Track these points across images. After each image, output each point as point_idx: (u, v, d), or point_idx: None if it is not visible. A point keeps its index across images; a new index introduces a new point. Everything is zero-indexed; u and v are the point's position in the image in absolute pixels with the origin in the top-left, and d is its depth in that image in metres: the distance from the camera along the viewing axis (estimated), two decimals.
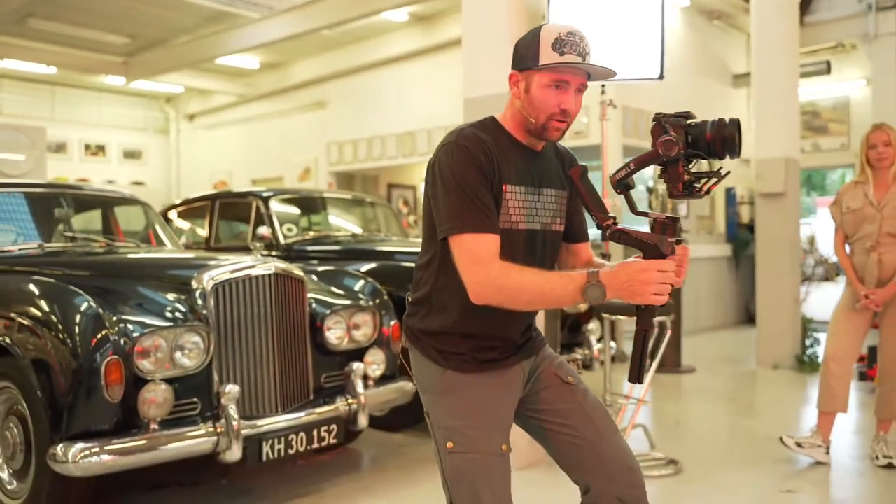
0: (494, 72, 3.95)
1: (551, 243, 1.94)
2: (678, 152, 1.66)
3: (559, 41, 1.75)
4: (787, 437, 4.00)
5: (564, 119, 1.80)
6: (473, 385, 1.84)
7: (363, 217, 6.51)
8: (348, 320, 3.75)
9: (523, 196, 1.84)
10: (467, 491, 1.79)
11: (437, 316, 1.87)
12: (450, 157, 1.77)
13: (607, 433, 1.89)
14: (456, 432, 1.81)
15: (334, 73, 11.19)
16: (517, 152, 1.85)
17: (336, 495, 3.57)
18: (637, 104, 8.59)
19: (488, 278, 1.70)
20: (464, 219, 1.73)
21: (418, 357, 1.91)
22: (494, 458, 1.81)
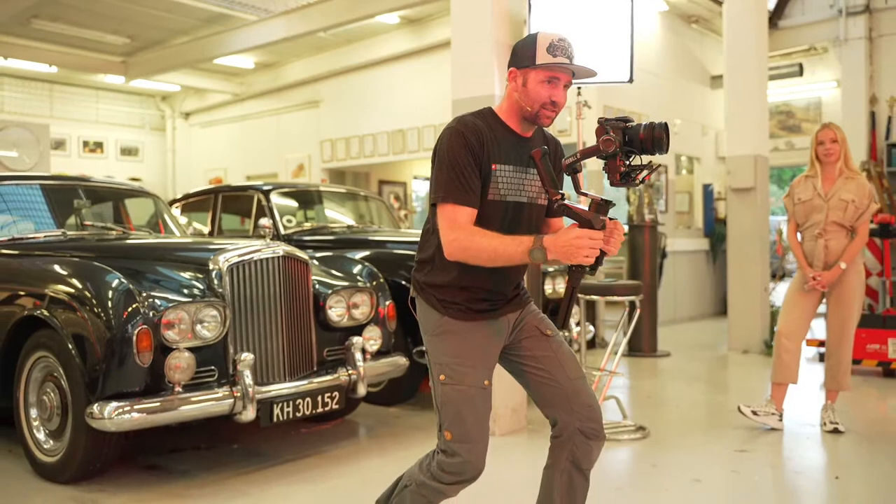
0: (481, 75, 4.36)
1: (537, 214, 2.30)
2: (615, 149, 2.04)
3: (552, 45, 2.14)
4: (745, 406, 4.43)
5: (554, 108, 2.19)
6: (465, 330, 2.23)
7: (357, 210, 6.87)
8: (348, 300, 4.14)
9: (511, 174, 2.21)
10: (454, 414, 2.19)
11: (439, 272, 2.24)
12: (447, 140, 2.17)
13: (574, 378, 2.29)
14: (448, 368, 2.21)
15: (327, 73, 11.53)
16: (509, 137, 2.23)
17: (335, 456, 3.96)
18: (619, 104, 8.99)
19: (457, 240, 2.11)
20: (448, 191, 2.13)
21: (422, 305, 2.30)
22: (478, 391, 2.21)
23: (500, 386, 4.26)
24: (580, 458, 2.28)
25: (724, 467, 3.77)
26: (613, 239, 2.05)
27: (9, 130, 8.82)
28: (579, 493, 2.31)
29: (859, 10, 10.29)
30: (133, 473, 3.64)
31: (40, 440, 3.59)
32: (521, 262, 2.07)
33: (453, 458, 2.17)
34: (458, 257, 2.14)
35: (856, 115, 10.13)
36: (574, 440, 2.26)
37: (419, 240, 2.37)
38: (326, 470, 3.72)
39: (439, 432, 2.22)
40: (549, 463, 2.33)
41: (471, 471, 2.18)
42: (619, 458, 4.01)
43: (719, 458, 3.92)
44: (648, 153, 2.06)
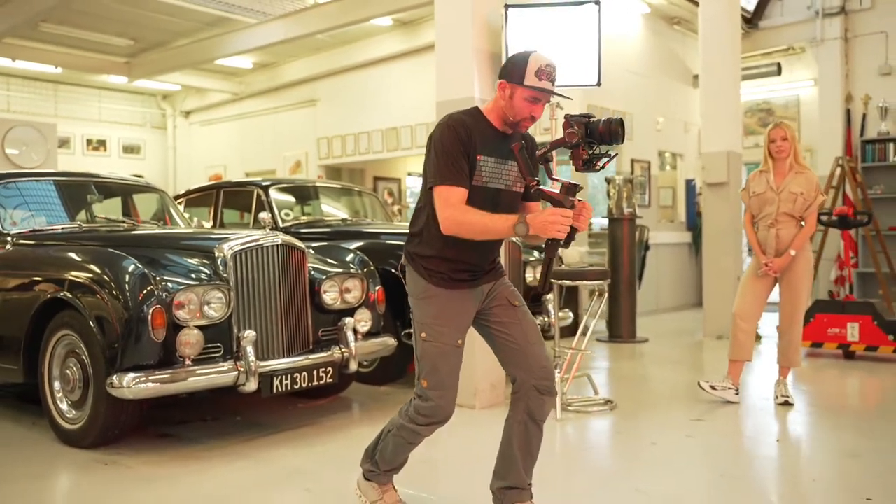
0: (462, 79, 4.75)
1: (513, 198, 2.67)
2: (577, 140, 2.43)
3: (540, 70, 2.49)
4: (704, 382, 4.84)
5: (532, 121, 2.59)
6: (445, 296, 2.61)
7: (352, 204, 7.27)
8: (341, 285, 4.53)
9: (493, 164, 2.58)
10: (431, 366, 2.60)
11: (426, 245, 2.62)
12: (441, 132, 2.54)
13: (533, 342, 2.67)
14: (428, 327, 2.61)
15: (324, 73, 11.91)
16: (491, 133, 2.60)
17: (329, 427, 4.37)
18: (604, 103, 9.38)
19: (452, 216, 2.48)
20: (444, 175, 2.50)
21: (411, 272, 2.68)
22: (451, 348, 2.61)
23: (481, 364, 4.68)
24: (534, 410, 2.64)
25: (679, 433, 4.18)
26: (582, 217, 2.40)
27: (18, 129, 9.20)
28: (534, 440, 2.69)
29: (835, 11, 10.68)
30: (147, 441, 4.04)
31: (63, 410, 3.99)
32: (506, 235, 2.46)
33: (427, 402, 2.57)
34: (453, 231, 2.49)
35: (832, 113, 10.53)
36: (529, 395, 2.63)
37: (411, 217, 2.75)
38: (320, 437, 4.13)
39: (417, 381, 2.61)
40: (509, 415, 2.71)
41: (442, 413, 2.59)
42: (588, 426, 4.42)
43: (677, 426, 4.33)
44: (607, 143, 2.43)
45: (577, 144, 2.42)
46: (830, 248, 9.51)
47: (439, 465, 3.83)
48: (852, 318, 6.26)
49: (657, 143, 10.38)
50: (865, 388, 5.67)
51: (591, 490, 3.36)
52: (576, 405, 4.66)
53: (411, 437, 2.68)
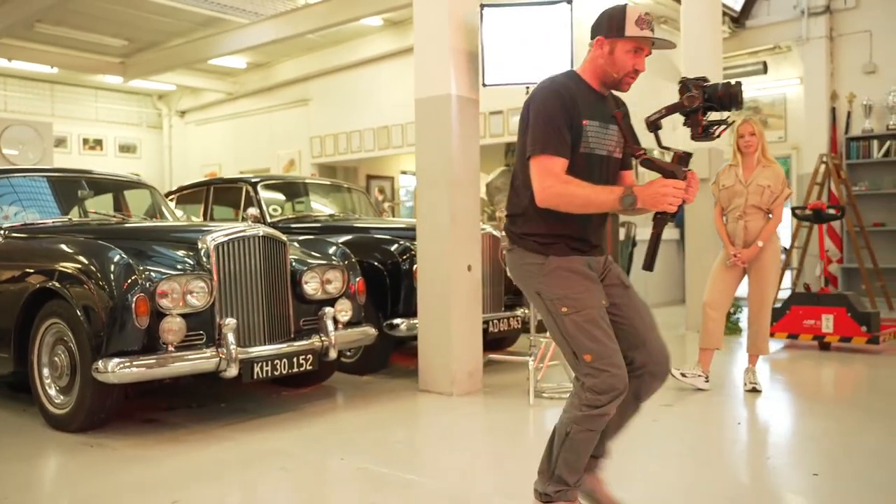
0: (440, 76, 4.90)
1: (614, 166, 2.52)
2: (698, 105, 2.26)
3: (640, 19, 2.37)
4: (675, 370, 4.98)
5: (635, 76, 2.43)
6: (571, 263, 2.41)
7: (341, 200, 7.42)
8: (322, 276, 4.68)
9: (597, 129, 2.42)
10: (586, 338, 2.34)
11: (533, 223, 2.44)
12: (543, 97, 2.39)
13: (651, 325, 2.52)
14: (567, 299, 2.37)
15: (316, 73, 12.08)
16: (593, 97, 2.45)
17: (310, 412, 4.51)
18: None
19: (552, 186, 2.31)
20: (545, 143, 2.33)
21: (521, 253, 2.47)
22: (599, 310, 2.39)
23: (458, 352, 4.84)
24: (642, 392, 2.52)
25: (647, 417, 4.30)
26: (692, 189, 2.25)
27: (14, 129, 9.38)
28: (629, 413, 2.57)
29: (820, 10, 10.83)
30: (133, 425, 4.19)
31: (52, 395, 4.14)
32: (610, 208, 2.28)
33: (601, 375, 2.30)
34: (551, 203, 2.32)
35: (817, 111, 10.68)
36: (644, 378, 2.48)
37: (508, 197, 2.58)
38: (300, 421, 4.28)
39: (577, 362, 2.36)
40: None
41: (621, 381, 2.32)
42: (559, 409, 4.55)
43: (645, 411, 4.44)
44: (726, 109, 2.27)
45: (697, 109, 2.27)
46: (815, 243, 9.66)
47: (420, 449, 3.99)
48: (827, 310, 6.41)
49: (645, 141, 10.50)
50: (835, 377, 5.82)
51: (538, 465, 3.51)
52: (550, 392, 4.81)
53: (596, 423, 2.39)
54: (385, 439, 3.98)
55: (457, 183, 4.86)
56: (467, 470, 3.51)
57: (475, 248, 5.01)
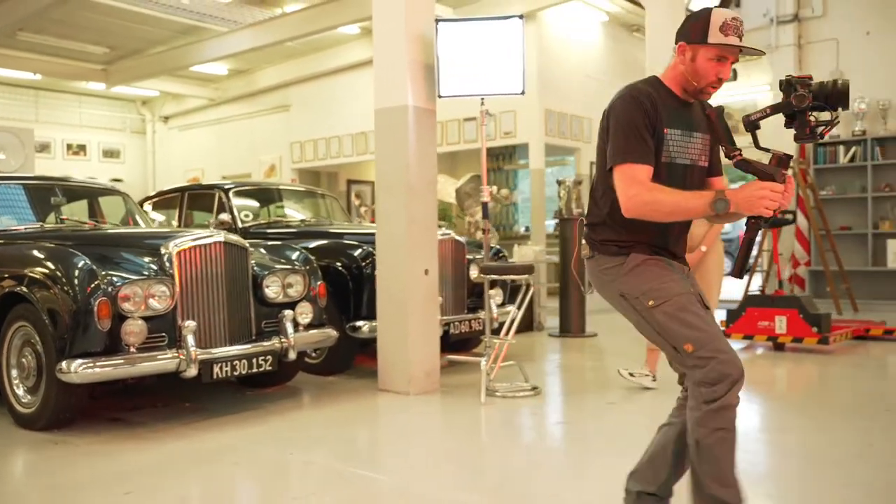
0: (398, 88, 5.11)
1: (699, 175, 2.42)
2: (808, 104, 2.14)
3: (725, 25, 2.23)
4: (623, 370, 5.19)
5: (718, 85, 2.32)
6: (652, 258, 2.33)
7: (314, 206, 7.62)
8: (283, 280, 4.87)
9: (679, 138, 2.33)
10: (680, 325, 2.21)
11: (612, 231, 2.37)
12: (624, 105, 2.30)
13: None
14: (652, 291, 2.27)
15: (296, 79, 12.28)
16: (675, 104, 2.35)
17: (271, 411, 4.70)
18: (560, 108, 9.77)
19: (638, 195, 2.21)
20: (627, 152, 2.25)
21: (602, 259, 2.38)
22: (688, 296, 2.27)
23: (415, 351, 5.03)
24: None
25: (590, 415, 4.54)
26: (787, 192, 2.13)
27: None
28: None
29: (789, 19, 11.09)
30: (98, 424, 4.37)
31: (20, 395, 4.32)
32: (702, 214, 2.16)
33: (709, 363, 2.15)
34: (638, 212, 2.23)
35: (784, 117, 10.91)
36: None
37: (588, 207, 2.51)
38: (259, 420, 4.47)
39: (679, 357, 2.23)
40: (669, 420, 2.46)
41: (733, 365, 2.16)
42: (511, 409, 4.76)
43: (590, 409, 4.69)
44: (833, 108, 2.16)
45: (805, 108, 2.15)
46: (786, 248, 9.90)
47: (374, 446, 4.17)
48: (780, 311, 6.62)
49: None
50: (783, 376, 6.03)
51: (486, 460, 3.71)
52: (502, 391, 5.00)
53: (723, 419, 2.17)
54: (341, 436, 4.17)
55: (414, 190, 5.06)
56: (419, 465, 3.69)
57: (432, 253, 5.21)
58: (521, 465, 3.62)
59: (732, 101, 11.96)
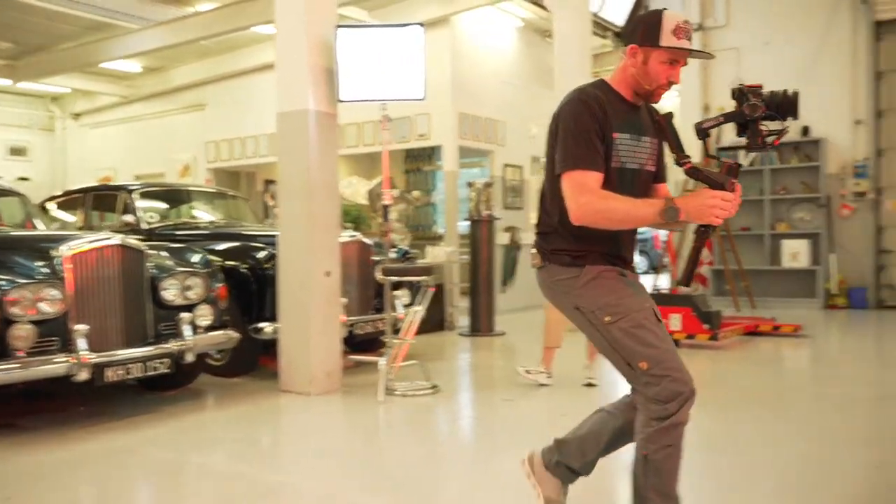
0: (299, 92, 5.16)
1: (645, 180, 2.38)
2: (761, 113, 2.11)
3: (678, 28, 2.20)
4: (521, 367, 5.37)
5: (668, 88, 2.29)
6: (609, 270, 2.28)
7: (224, 207, 7.59)
8: (182, 282, 4.87)
9: (628, 143, 2.28)
10: (636, 343, 2.17)
11: (562, 239, 2.31)
12: (572, 109, 2.24)
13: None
14: (609, 307, 2.22)
15: (212, 78, 12.12)
16: (624, 108, 2.30)
17: (172, 413, 4.70)
18: (474, 111, 9.93)
19: (589, 203, 2.16)
20: (577, 158, 2.19)
21: (555, 269, 2.32)
22: (647, 313, 2.23)
23: (316, 353, 5.10)
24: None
25: (484, 412, 4.70)
26: (737, 202, 2.12)
27: None
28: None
29: (694, 28, 11.53)
30: None
31: None
32: (652, 222, 2.15)
33: (662, 381, 2.13)
34: (588, 220, 2.17)
35: (692, 122, 11.33)
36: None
37: (537, 215, 2.44)
38: (154, 422, 4.47)
39: (632, 373, 2.20)
40: (610, 409, 2.45)
41: (685, 385, 2.13)
42: (408, 407, 4.88)
43: (487, 405, 4.86)
44: (783, 117, 2.15)
45: (759, 118, 2.13)
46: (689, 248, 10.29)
47: (279, 448, 4.22)
48: (675, 309, 6.93)
49: (532, 149, 10.99)
50: None
51: (382, 459, 3.82)
52: (402, 390, 5.11)
53: (671, 436, 2.17)
54: (239, 438, 4.21)
55: (315, 193, 5.12)
56: (315, 465, 3.75)
57: (334, 255, 5.28)
58: (416, 463, 3.73)
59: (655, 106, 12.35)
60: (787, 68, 10.43)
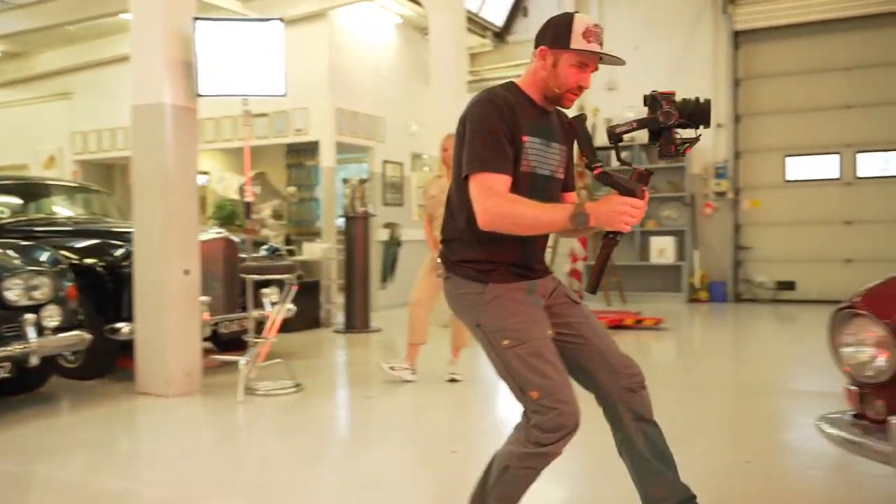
0: (155, 85, 5.00)
1: (555, 187, 2.32)
2: (675, 121, 2.06)
3: (588, 31, 2.14)
4: (384, 364, 5.41)
5: (578, 93, 2.22)
6: (512, 290, 2.20)
7: (87, 203, 7.26)
8: (27, 282, 4.64)
9: (538, 147, 2.21)
10: (530, 372, 2.11)
11: (468, 248, 2.22)
12: (480, 110, 2.16)
13: (608, 341, 2.30)
14: (509, 331, 2.14)
15: (79, 65, 11.56)
16: (533, 111, 2.23)
17: (18, 420, 4.45)
18: (353, 107, 9.89)
19: (497, 206, 2.08)
20: (484, 160, 2.11)
21: (459, 282, 2.23)
22: (545, 342, 2.16)
23: (173, 351, 4.97)
24: (641, 411, 2.27)
25: (347, 409, 4.71)
26: (644, 208, 2.08)
27: None
28: (659, 441, 2.30)
29: None
30: None
31: None
32: (561, 228, 2.08)
33: (549, 413, 2.08)
34: (496, 225, 2.10)
35: None
36: (626, 399, 2.25)
37: (443, 221, 2.36)
38: (2, 429, 4.25)
39: (523, 398, 2.15)
40: (620, 436, 2.30)
41: (571, 419, 2.09)
42: (268, 407, 4.83)
43: (349, 403, 4.88)
44: (696, 126, 2.10)
45: (673, 126, 2.08)
46: (565, 244, 10.62)
47: (131, 453, 4.05)
48: None
49: (412, 146, 11.05)
50: None
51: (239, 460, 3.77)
52: (264, 390, 5.05)
53: (541, 462, 2.15)
54: (90, 444, 4.04)
55: (172, 189, 4.98)
56: (166, 469, 3.66)
57: (193, 253, 5.15)
58: (272, 464, 3.68)
59: None
60: (655, 73, 10.87)
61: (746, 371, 6.11)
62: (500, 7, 12.34)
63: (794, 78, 10.80)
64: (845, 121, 10.43)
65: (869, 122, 10.39)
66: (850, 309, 2.19)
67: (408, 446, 3.99)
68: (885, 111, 10.32)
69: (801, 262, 10.77)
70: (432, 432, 4.29)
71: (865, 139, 10.43)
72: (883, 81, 10.33)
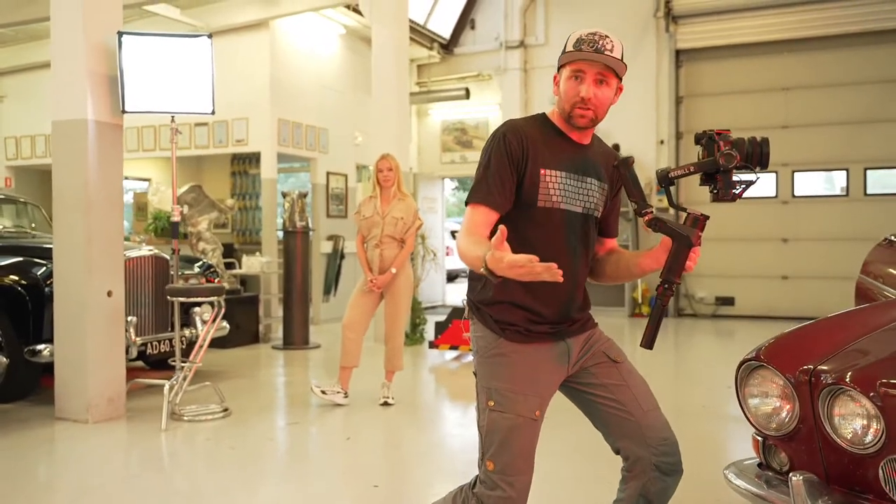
0: (76, 100, 4.83)
1: (592, 226, 2.16)
2: (736, 163, 1.94)
3: (579, 40, 2.03)
4: (316, 386, 5.31)
5: (585, 106, 2.03)
6: (521, 354, 2.06)
7: (15, 215, 7.00)
8: None
9: (565, 181, 2.08)
10: (499, 444, 2.01)
11: (489, 288, 2.09)
12: (490, 142, 2.09)
13: (648, 409, 2.11)
14: (497, 393, 2.04)
15: (12, 68, 11.20)
16: (560, 142, 2.11)
17: None
18: (294, 117, 9.75)
19: (460, 238, 2.02)
20: (475, 192, 2.06)
21: (478, 325, 2.14)
22: (527, 421, 2.03)
23: (94, 376, 4.80)
24: (654, 496, 2.09)
25: (271, 437, 4.59)
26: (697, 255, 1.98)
27: None
28: None
29: (516, 45, 11.95)
30: None
31: None
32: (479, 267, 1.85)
33: (494, 490, 2.00)
34: (460, 259, 2.02)
35: None
36: (648, 475, 2.07)
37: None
38: None
39: (480, 461, 2.07)
40: (620, 497, 2.15)
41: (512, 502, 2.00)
42: (193, 434, 4.69)
43: (273, 430, 4.75)
44: (753, 168, 1.99)
45: (733, 168, 1.96)
46: None
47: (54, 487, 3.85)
48: None
49: (357, 157, 10.95)
50: None
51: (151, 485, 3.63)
52: (190, 415, 4.91)
53: None
54: None
55: (94, 207, 4.81)
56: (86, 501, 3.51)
57: (117, 273, 4.99)
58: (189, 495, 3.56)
59: (467, 118, 12.65)
60: None
61: (683, 393, 6.15)
62: (447, 19, 12.32)
63: (734, 97, 11.00)
64: (783, 140, 10.65)
65: (806, 141, 10.63)
66: (754, 360, 2.18)
67: (327, 479, 3.90)
68: (821, 131, 10.58)
69: (740, 277, 10.97)
70: (356, 463, 4.20)
71: (803, 158, 10.66)
72: (819, 102, 10.59)
